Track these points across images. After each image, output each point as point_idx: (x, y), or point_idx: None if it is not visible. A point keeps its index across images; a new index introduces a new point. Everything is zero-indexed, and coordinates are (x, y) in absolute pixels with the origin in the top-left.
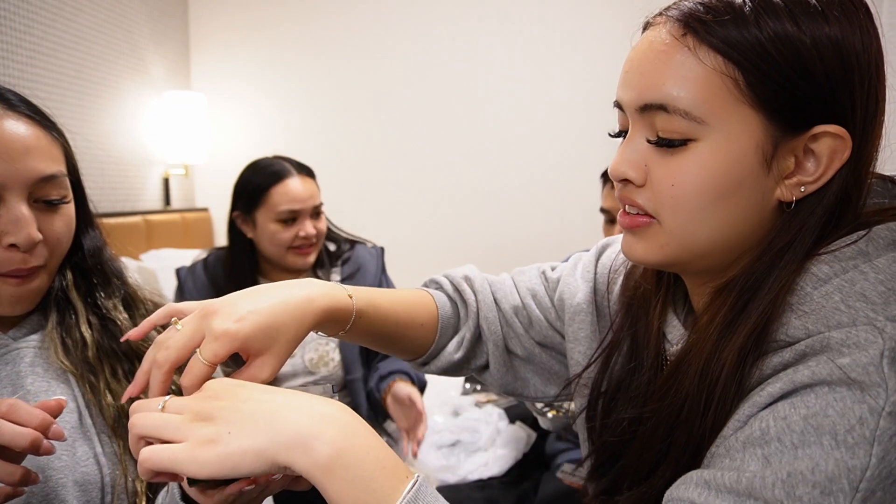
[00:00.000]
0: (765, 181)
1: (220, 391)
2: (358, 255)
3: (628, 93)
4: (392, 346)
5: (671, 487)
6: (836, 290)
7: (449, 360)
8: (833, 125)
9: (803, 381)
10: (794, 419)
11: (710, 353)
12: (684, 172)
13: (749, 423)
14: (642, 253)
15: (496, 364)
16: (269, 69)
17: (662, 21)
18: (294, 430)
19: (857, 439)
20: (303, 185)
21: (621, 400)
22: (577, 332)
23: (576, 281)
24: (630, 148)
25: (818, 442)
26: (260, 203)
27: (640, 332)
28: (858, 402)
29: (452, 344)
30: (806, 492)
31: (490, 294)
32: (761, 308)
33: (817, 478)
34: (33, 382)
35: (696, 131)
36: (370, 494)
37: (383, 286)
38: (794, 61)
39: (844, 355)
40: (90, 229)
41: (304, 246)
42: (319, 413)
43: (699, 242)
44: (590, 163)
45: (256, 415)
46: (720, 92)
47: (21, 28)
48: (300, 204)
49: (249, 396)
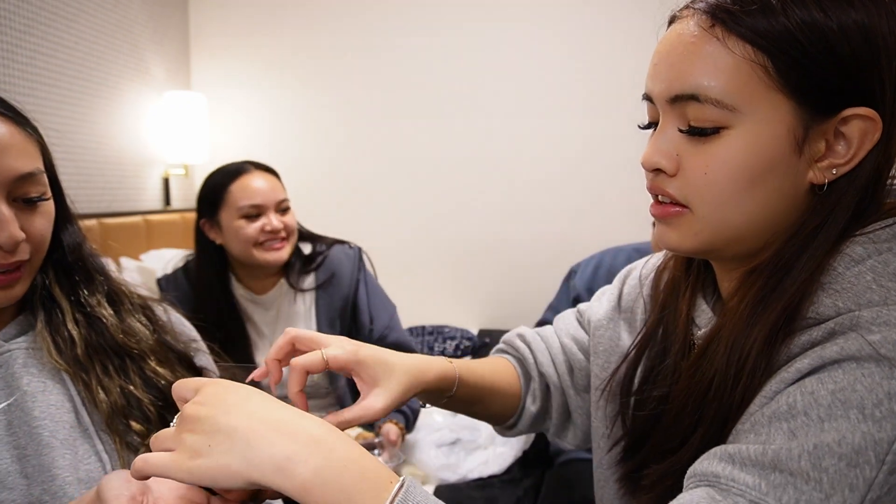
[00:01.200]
0: (797, 165)
1: (208, 395)
2: (332, 260)
3: (658, 84)
4: (486, 411)
5: (695, 462)
6: (868, 271)
7: (530, 415)
8: (863, 107)
9: (832, 356)
10: (821, 394)
11: (740, 332)
12: (717, 160)
13: (776, 399)
14: (677, 241)
15: (556, 407)
16: (269, 69)
17: (690, 14)
18: (269, 452)
19: (885, 413)
20: (263, 178)
21: (651, 383)
22: (596, 347)
23: (600, 304)
24: (662, 138)
25: (845, 416)
26: (222, 203)
27: (670, 318)
28: (887, 377)
29: (528, 398)
30: (832, 463)
31: (541, 342)
32: (794, 288)
33: (843, 450)
34: (29, 383)
35: (727, 119)
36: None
37: (360, 286)
38: (822, 46)
39: (874, 332)
40: (69, 225)
41: (272, 241)
42: (296, 433)
43: (733, 228)
44: (591, 164)
45: (235, 433)
46: (750, 80)
47: (21, 28)
48: (261, 197)
49: (232, 408)
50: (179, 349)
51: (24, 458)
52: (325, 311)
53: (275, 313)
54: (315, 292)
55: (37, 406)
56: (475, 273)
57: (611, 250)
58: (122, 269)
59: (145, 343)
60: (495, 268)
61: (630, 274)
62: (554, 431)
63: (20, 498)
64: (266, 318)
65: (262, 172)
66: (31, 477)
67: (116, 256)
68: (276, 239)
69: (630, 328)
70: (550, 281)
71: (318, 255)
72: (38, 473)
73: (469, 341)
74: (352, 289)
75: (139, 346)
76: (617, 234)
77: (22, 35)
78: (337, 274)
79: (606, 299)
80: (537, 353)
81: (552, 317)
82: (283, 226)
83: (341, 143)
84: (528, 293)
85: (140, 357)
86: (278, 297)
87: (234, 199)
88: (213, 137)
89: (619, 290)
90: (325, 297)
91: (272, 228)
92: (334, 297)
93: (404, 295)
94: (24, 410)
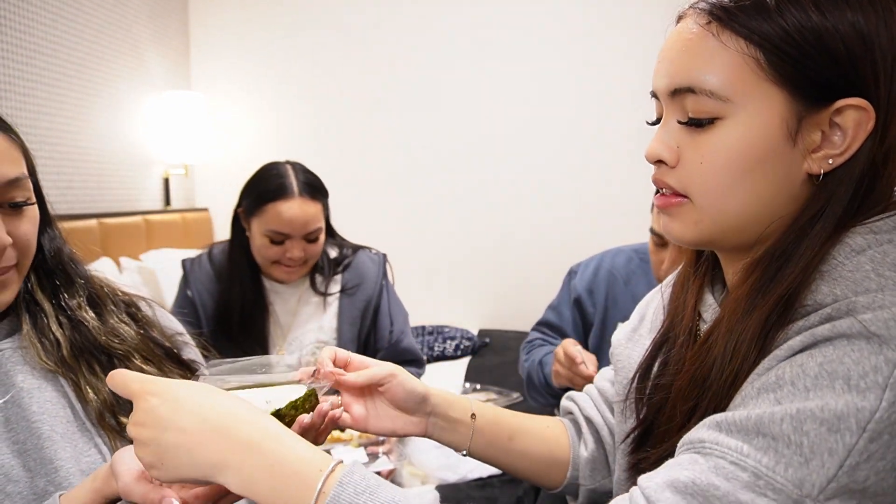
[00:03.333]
0: (791, 155)
1: (143, 414)
2: (359, 263)
3: (661, 80)
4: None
5: (688, 432)
6: (868, 261)
7: (584, 462)
8: (856, 98)
9: (823, 334)
10: (809, 366)
11: (737, 320)
12: (712, 149)
13: (766, 374)
14: (679, 231)
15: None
16: (268, 69)
17: (691, 13)
18: (208, 460)
19: (870, 384)
20: (301, 208)
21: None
22: (616, 365)
23: (620, 331)
24: (664, 131)
25: (830, 386)
26: (256, 212)
27: (678, 312)
28: (875, 353)
29: (580, 446)
30: (813, 427)
31: (584, 394)
32: (791, 276)
33: (825, 415)
34: (24, 380)
35: (722, 110)
36: (288, 500)
37: (383, 291)
38: (815, 43)
39: (867, 314)
40: (49, 229)
41: (289, 265)
42: (228, 439)
43: (731, 217)
44: (592, 165)
45: (177, 448)
46: (743, 72)
47: (21, 28)
48: (290, 228)
49: (167, 424)
50: (166, 345)
51: (24, 452)
52: (348, 311)
53: (294, 304)
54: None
55: (34, 402)
56: (475, 273)
57: (611, 251)
58: (122, 269)
59: (130, 342)
60: (496, 268)
61: (653, 298)
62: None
63: (25, 490)
64: (286, 308)
65: (303, 200)
66: (33, 470)
67: (116, 256)
68: (294, 265)
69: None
70: (550, 281)
71: (345, 259)
72: (40, 466)
73: (469, 341)
74: (375, 293)
75: (123, 347)
76: (618, 234)
77: (22, 35)
78: (364, 280)
79: (629, 325)
80: (580, 401)
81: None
82: (304, 255)
83: (341, 144)
84: (528, 293)
85: (125, 356)
86: (302, 290)
87: (266, 218)
88: (213, 137)
89: (642, 313)
90: (348, 297)
91: (291, 257)
92: (357, 299)
93: (405, 295)
94: (22, 406)
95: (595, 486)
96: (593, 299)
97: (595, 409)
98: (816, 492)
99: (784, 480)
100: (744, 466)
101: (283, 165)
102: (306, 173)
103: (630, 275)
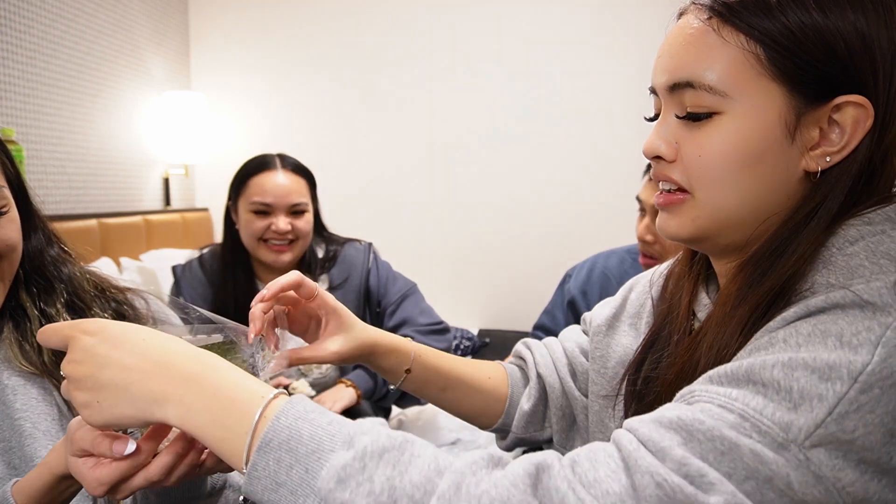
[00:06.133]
0: (789, 151)
1: (80, 352)
2: (346, 257)
3: (660, 76)
4: (463, 400)
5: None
6: (861, 250)
7: (522, 413)
8: (855, 95)
9: (817, 305)
10: (802, 327)
11: (726, 313)
12: (709, 143)
13: (759, 339)
14: (675, 227)
15: (555, 411)
16: (268, 69)
17: (692, 9)
18: (147, 396)
19: (862, 341)
20: (284, 178)
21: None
22: (594, 351)
23: (602, 311)
24: (661, 126)
25: (822, 342)
26: (241, 191)
27: (674, 311)
28: (868, 318)
29: (523, 397)
30: (804, 375)
31: (543, 347)
32: (782, 269)
33: (817, 364)
34: (10, 377)
35: (720, 104)
36: (226, 430)
37: (371, 275)
38: (815, 38)
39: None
40: (32, 234)
41: (276, 242)
42: (168, 373)
43: (728, 212)
44: (592, 166)
45: (115, 385)
46: (743, 67)
47: (21, 28)
48: (273, 197)
49: (106, 361)
50: None
51: (9, 450)
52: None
53: None
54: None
55: (18, 399)
56: (475, 273)
57: (604, 253)
58: (122, 269)
59: None
60: (496, 268)
61: (639, 281)
62: (558, 441)
63: None
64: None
65: (287, 171)
66: (18, 468)
67: (116, 256)
68: (283, 240)
69: (635, 331)
70: (551, 281)
71: (331, 255)
72: (23, 464)
73: (469, 341)
74: (363, 279)
75: None
76: (620, 234)
77: (22, 35)
78: (351, 272)
79: (609, 306)
80: (537, 355)
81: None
82: (290, 228)
83: (341, 144)
84: (528, 293)
85: None
86: None
87: (249, 192)
88: (213, 137)
89: (624, 297)
90: (340, 293)
91: (277, 229)
92: (348, 291)
93: None
94: (6, 404)
95: (525, 437)
96: (587, 300)
97: (553, 368)
98: (803, 437)
99: (770, 423)
100: (731, 409)
101: (269, 154)
102: (291, 159)
103: (623, 275)
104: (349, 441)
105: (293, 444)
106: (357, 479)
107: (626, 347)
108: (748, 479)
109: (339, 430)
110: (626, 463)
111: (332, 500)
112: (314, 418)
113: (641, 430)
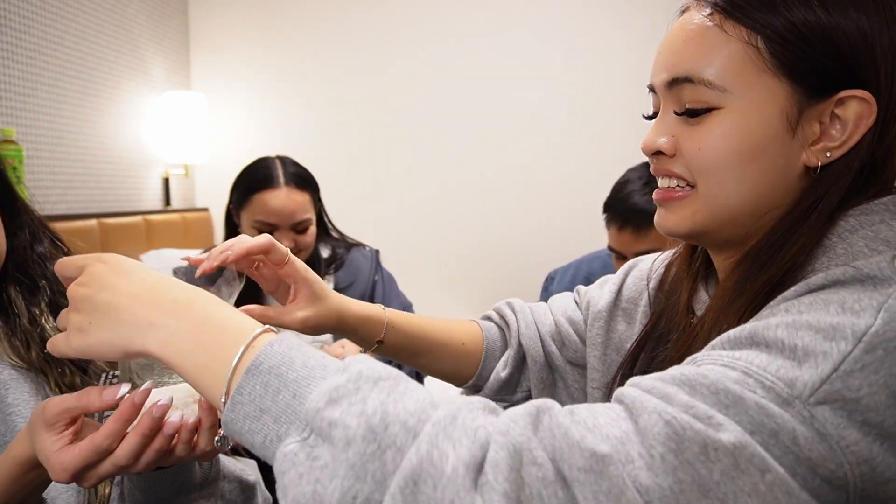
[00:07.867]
0: (790, 146)
1: (89, 276)
2: (352, 261)
3: (660, 73)
4: (435, 364)
5: None
6: (860, 239)
7: (497, 379)
8: (859, 90)
9: (817, 282)
10: (804, 299)
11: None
12: (709, 137)
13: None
14: (674, 223)
15: (535, 381)
16: (269, 69)
17: (694, 5)
18: (134, 321)
19: (864, 307)
20: (288, 198)
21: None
22: (594, 338)
23: (601, 293)
24: (660, 122)
25: (825, 308)
26: (244, 205)
27: (672, 307)
28: (869, 289)
29: (500, 363)
30: (808, 334)
31: (529, 314)
32: (781, 262)
33: (821, 325)
34: (2, 371)
35: (719, 100)
36: (209, 356)
37: (377, 286)
38: (818, 34)
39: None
40: (18, 232)
41: None
42: (159, 300)
43: (729, 206)
44: (592, 166)
45: (108, 308)
46: (743, 61)
47: (21, 28)
48: (276, 218)
49: (108, 285)
50: None
51: (2, 445)
52: None
53: None
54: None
55: (10, 394)
56: (474, 273)
57: (588, 256)
58: None
59: None
60: (495, 268)
61: (636, 266)
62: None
63: None
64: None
65: (290, 189)
66: None
67: None
68: None
69: (629, 320)
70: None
71: (337, 259)
72: None
73: None
74: (368, 288)
75: None
76: None
77: (22, 35)
78: (357, 279)
79: (608, 290)
80: (522, 323)
81: None
82: (293, 245)
83: (340, 144)
84: (528, 293)
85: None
86: None
87: (253, 209)
88: (213, 137)
89: (622, 281)
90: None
91: None
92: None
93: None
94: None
95: (495, 398)
96: None
97: (537, 339)
98: (808, 393)
99: (775, 378)
100: (734, 367)
101: (271, 159)
102: (295, 166)
103: None
104: (343, 368)
105: (283, 370)
106: (350, 400)
107: (621, 334)
108: (754, 434)
109: (332, 362)
110: (629, 411)
111: (319, 420)
112: (308, 350)
113: (644, 382)
